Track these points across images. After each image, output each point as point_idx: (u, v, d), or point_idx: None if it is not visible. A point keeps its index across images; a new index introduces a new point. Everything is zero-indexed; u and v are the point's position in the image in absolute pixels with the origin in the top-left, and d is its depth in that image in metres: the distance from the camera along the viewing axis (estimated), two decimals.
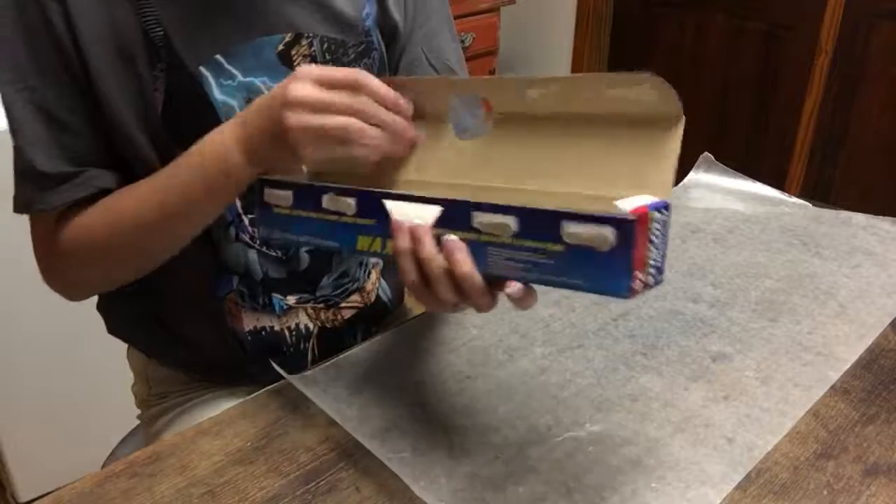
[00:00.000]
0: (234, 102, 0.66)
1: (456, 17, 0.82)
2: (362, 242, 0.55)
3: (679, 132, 0.48)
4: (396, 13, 0.75)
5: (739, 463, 0.57)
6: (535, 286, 0.49)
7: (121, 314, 0.78)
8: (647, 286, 0.46)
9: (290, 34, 0.67)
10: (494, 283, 0.50)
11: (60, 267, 0.67)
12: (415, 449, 0.59)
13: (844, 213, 0.94)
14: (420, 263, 0.50)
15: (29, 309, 1.36)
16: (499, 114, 0.56)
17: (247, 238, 0.70)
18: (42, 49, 0.61)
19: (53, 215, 0.64)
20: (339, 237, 0.57)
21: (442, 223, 0.50)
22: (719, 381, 0.66)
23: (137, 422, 0.89)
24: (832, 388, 0.65)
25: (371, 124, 0.54)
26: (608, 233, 0.44)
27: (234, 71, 0.66)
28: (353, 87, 0.53)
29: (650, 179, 0.49)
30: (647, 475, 0.56)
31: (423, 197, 0.52)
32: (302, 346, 0.77)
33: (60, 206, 0.63)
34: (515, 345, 0.71)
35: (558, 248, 0.46)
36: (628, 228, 0.44)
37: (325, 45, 0.69)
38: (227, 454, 0.59)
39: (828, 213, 0.94)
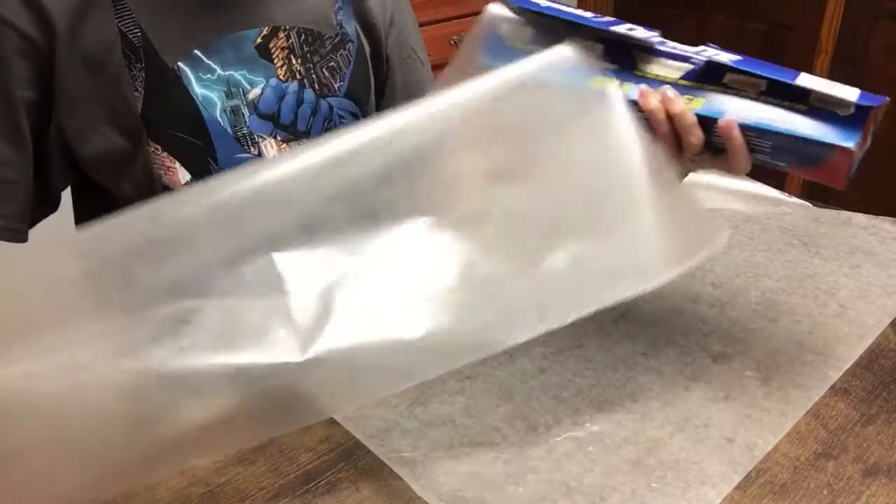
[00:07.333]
0: (213, 96, 0.66)
1: (456, 18, 0.82)
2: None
3: None
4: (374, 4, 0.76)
5: (739, 463, 0.57)
6: None
7: None
8: (855, 163, 0.56)
9: (267, 27, 0.68)
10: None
11: None
12: (415, 449, 0.59)
13: (844, 214, 0.94)
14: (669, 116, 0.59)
15: None
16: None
17: None
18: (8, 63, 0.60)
19: None
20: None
21: (690, 76, 0.60)
22: (719, 381, 0.65)
23: None
24: (832, 388, 0.65)
25: None
26: (851, 97, 0.54)
27: (214, 65, 0.66)
28: None
29: None
30: (647, 475, 0.56)
31: (676, 54, 0.61)
32: None
33: None
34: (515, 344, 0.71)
35: (801, 106, 0.55)
36: (866, 109, 0.54)
37: (303, 38, 0.70)
38: (227, 454, 0.59)
39: (828, 213, 0.94)
